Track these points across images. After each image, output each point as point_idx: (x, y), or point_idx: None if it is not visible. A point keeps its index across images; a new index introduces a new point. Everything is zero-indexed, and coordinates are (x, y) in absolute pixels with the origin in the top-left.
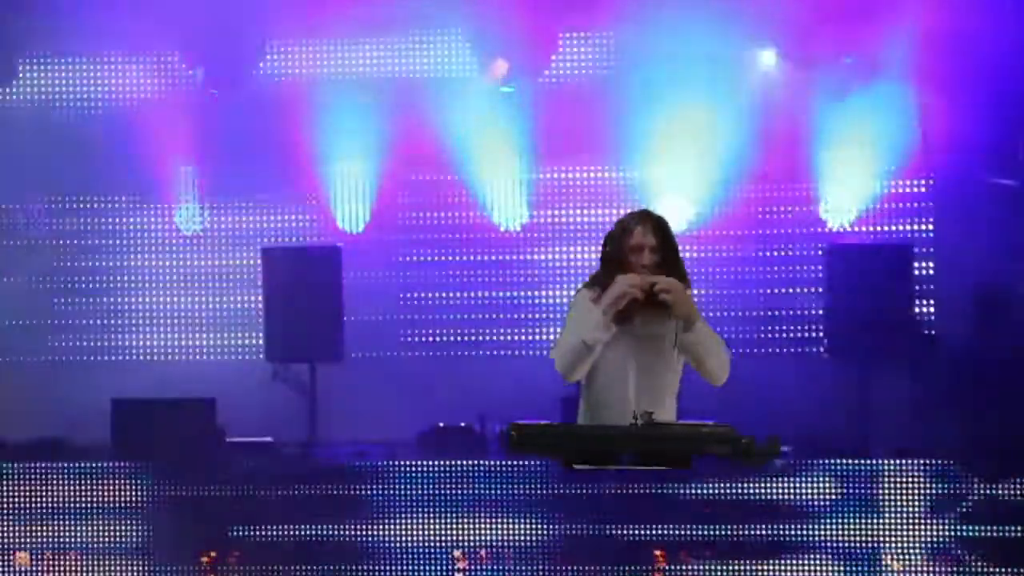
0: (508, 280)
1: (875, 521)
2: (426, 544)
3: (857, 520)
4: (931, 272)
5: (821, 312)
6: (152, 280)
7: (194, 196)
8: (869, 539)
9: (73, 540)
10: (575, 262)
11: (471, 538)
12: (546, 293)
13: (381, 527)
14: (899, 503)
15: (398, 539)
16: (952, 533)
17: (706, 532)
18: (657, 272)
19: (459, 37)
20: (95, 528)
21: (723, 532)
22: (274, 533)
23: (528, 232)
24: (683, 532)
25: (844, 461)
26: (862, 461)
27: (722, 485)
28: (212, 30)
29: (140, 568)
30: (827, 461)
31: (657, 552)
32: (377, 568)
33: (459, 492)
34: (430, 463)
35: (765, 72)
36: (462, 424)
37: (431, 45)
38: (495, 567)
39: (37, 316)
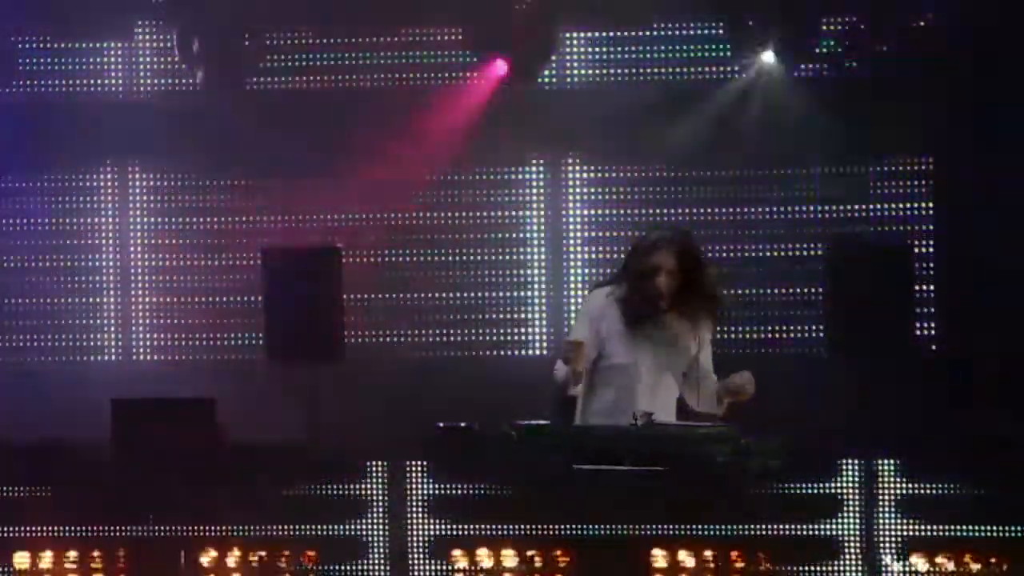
0: (508, 280)
1: (874, 521)
2: (426, 544)
3: (856, 520)
4: (931, 272)
5: (821, 312)
6: (152, 280)
7: (195, 196)
8: (868, 539)
9: (72, 540)
10: (575, 262)
11: (470, 538)
12: (546, 293)
13: (381, 527)
14: (898, 503)
15: (398, 539)
16: (951, 533)
17: (703, 531)
18: (675, 293)
19: (459, 36)
20: (94, 527)
21: (721, 531)
22: (274, 533)
23: (527, 232)
24: (680, 531)
25: (843, 461)
26: (861, 461)
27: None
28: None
29: (139, 567)
30: (826, 461)
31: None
32: (377, 568)
33: (459, 492)
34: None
35: (765, 69)
36: (462, 424)
37: (431, 45)
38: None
39: (37, 316)
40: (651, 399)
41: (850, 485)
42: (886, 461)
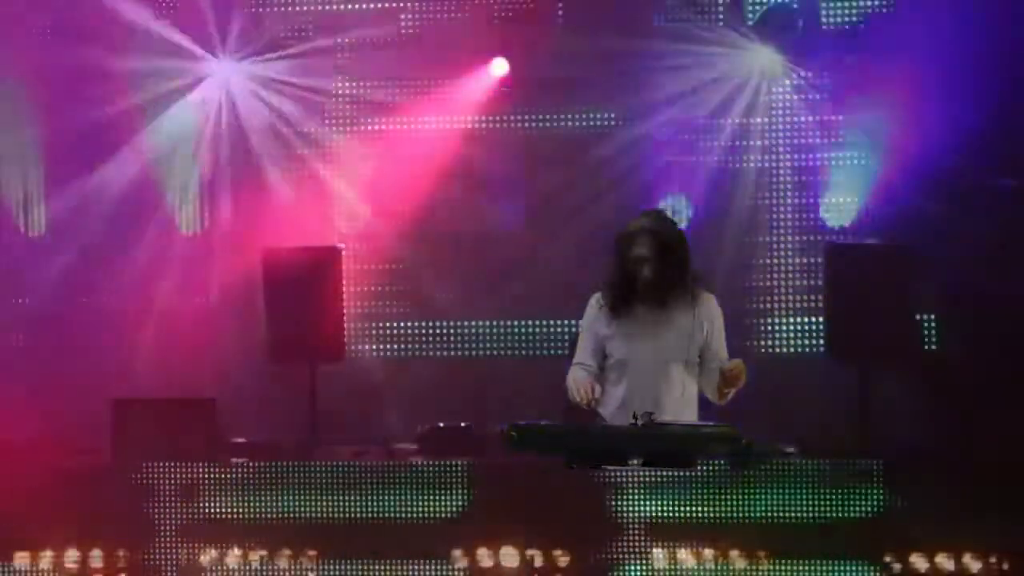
0: (508, 280)
1: (875, 521)
2: (425, 543)
3: (856, 520)
4: (930, 272)
5: (821, 312)
6: (152, 279)
7: (195, 195)
8: (868, 539)
9: (73, 540)
10: (575, 261)
11: (470, 538)
12: (545, 292)
13: (380, 527)
14: (898, 503)
15: (397, 538)
16: (951, 532)
17: (704, 530)
18: (656, 279)
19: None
20: (96, 528)
21: (721, 530)
22: (274, 533)
23: (527, 232)
24: (680, 531)
25: (843, 461)
26: (861, 461)
27: (721, 483)
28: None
29: (140, 567)
30: (826, 461)
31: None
32: (376, 567)
33: (458, 492)
34: (430, 463)
35: (764, 72)
36: (462, 424)
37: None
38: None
39: (37, 315)
40: (662, 390)
41: (850, 485)
42: (884, 461)
